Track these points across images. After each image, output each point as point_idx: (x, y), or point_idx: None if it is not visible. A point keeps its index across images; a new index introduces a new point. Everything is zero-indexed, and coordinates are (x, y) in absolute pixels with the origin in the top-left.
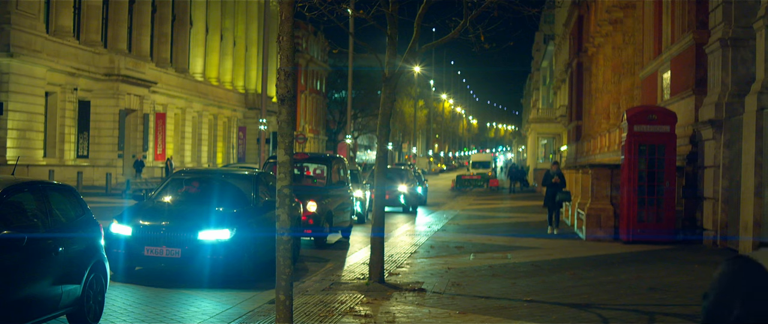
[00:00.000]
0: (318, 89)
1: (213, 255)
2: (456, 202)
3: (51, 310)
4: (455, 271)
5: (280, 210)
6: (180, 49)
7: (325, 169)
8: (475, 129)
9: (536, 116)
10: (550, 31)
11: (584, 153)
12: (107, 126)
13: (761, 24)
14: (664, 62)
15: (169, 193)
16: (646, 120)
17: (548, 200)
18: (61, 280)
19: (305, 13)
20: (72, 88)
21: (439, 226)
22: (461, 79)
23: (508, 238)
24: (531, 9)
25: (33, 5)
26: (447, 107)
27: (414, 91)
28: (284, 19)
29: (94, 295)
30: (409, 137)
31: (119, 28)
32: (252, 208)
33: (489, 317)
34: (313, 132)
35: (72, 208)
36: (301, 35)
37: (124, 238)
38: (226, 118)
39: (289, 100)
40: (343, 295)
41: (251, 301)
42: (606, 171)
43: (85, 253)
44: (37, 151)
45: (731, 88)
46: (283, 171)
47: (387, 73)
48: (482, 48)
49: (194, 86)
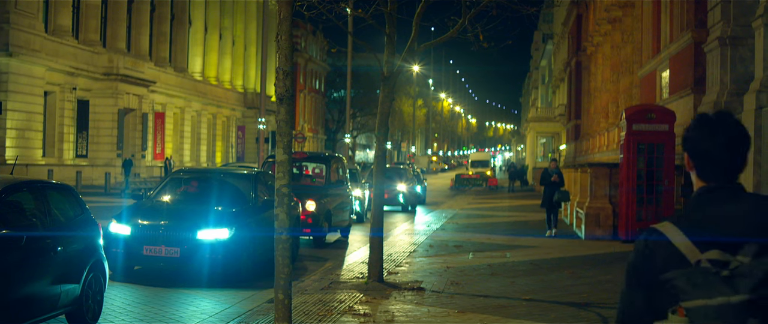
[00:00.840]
0: (317, 88)
1: (212, 254)
2: (455, 201)
3: (50, 310)
4: (454, 270)
5: (279, 209)
6: (179, 48)
7: (324, 169)
8: (474, 128)
9: (535, 115)
10: (549, 30)
11: (583, 152)
12: (106, 125)
13: (760, 22)
14: (663, 61)
15: (168, 193)
16: (644, 119)
17: (546, 200)
18: (60, 280)
19: (304, 12)
20: (71, 88)
21: (438, 225)
22: (460, 78)
23: (506, 237)
24: (529, 8)
25: (32, 5)
26: (446, 106)
27: (413, 90)
28: (283, 18)
29: (93, 295)
30: (408, 136)
31: (118, 27)
32: (251, 207)
33: (488, 316)
34: (312, 131)
35: (71, 208)
36: (299, 34)
37: (123, 238)
38: (225, 117)
39: (288, 100)
40: (342, 294)
41: (250, 300)
42: (605, 170)
43: (84, 253)
44: (36, 150)
45: (730, 86)
46: (281, 170)
47: (386, 72)
48: (481, 47)
49: (193, 85)
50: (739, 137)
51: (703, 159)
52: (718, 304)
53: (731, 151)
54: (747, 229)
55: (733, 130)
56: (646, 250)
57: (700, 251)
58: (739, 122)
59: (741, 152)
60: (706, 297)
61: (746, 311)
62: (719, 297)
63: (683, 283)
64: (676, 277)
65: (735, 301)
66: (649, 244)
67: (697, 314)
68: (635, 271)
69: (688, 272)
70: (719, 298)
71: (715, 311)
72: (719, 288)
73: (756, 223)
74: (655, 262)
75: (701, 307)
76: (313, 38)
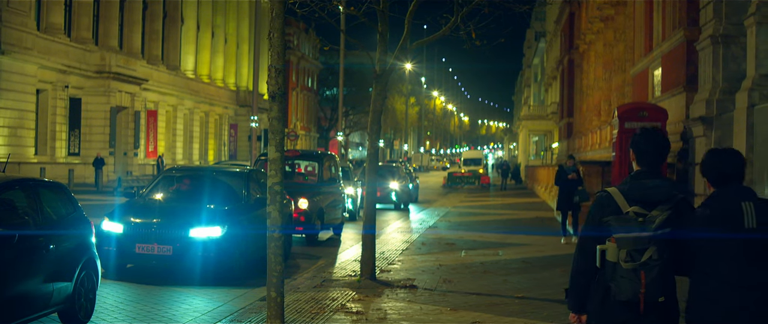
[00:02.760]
0: (309, 86)
1: (204, 252)
2: (447, 199)
3: (42, 308)
4: (446, 267)
5: (271, 207)
6: (171, 46)
7: (317, 166)
8: (466, 126)
9: (528, 113)
10: (542, 28)
11: (575, 150)
12: (98, 123)
13: (752, 21)
14: (655, 59)
15: (161, 191)
16: (636, 117)
17: (563, 202)
18: (52, 278)
19: (296, 10)
20: (63, 86)
21: (431, 223)
22: (453, 76)
23: (499, 235)
24: (522, 6)
25: (24, 3)
26: (438, 104)
27: (405, 89)
28: (275, 15)
29: (86, 293)
30: (401, 134)
31: (110, 25)
32: (243, 205)
33: (480, 314)
34: (305, 129)
35: (63, 206)
36: (292, 32)
37: (115, 236)
38: (217, 115)
39: (280, 97)
40: (334, 292)
41: (243, 298)
42: (597, 168)
43: (76, 251)
44: (29, 148)
45: (722, 84)
46: (274, 168)
47: (378, 70)
48: (473, 45)
49: (185, 83)
50: (662, 144)
51: (641, 154)
52: (634, 237)
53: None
54: (658, 196)
55: (660, 139)
56: (599, 203)
57: (629, 205)
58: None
59: (662, 154)
60: (627, 232)
61: (649, 242)
62: (635, 232)
63: (616, 223)
64: (612, 220)
65: (643, 236)
66: (601, 199)
67: (621, 242)
68: (591, 215)
69: (619, 218)
70: (634, 233)
71: (632, 241)
72: (636, 227)
73: (664, 193)
74: (602, 210)
75: (624, 238)
76: (306, 36)
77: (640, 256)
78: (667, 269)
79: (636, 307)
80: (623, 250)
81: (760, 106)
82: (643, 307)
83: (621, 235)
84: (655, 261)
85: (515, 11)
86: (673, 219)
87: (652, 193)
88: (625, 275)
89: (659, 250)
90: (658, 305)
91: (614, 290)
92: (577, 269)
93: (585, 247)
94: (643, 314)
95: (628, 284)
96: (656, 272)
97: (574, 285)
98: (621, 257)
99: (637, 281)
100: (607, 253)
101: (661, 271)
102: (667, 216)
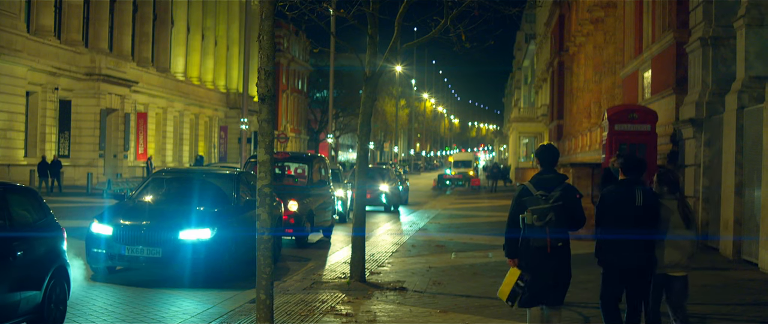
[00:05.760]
0: (299, 89)
1: (194, 254)
2: (437, 202)
3: (8, 318)
4: (436, 269)
5: (261, 209)
6: (161, 48)
7: (306, 169)
8: (456, 128)
9: (518, 115)
10: (532, 31)
11: (565, 152)
12: (88, 125)
13: (741, 23)
14: (645, 61)
15: (150, 193)
16: (626, 119)
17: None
18: (20, 286)
19: (286, 12)
20: (53, 88)
21: (421, 225)
22: (443, 78)
23: (489, 237)
24: (511, 8)
25: (13, 4)
26: (429, 106)
27: (395, 91)
28: (265, 17)
29: (56, 303)
30: (391, 137)
31: (100, 27)
32: (233, 207)
33: (470, 316)
34: (295, 131)
35: (33, 211)
36: (282, 34)
37: (104, 238)
38: (207, 117)
39: (270, 100)
40: (324, 294)
41: (232, 300)
42: (587, 170)
43: (46, 258)
44: (18, 150)
45: (711, 87)
46: (263, 170)
47: (368, 73)
48: (463, 47)
49: (175, 86)
50: (555, 154)
51: (541, 161)
52: (541, 208)
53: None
54: (553, 183)
55: (554, 150)
56: (520, 191)
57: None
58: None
59: (555, 160)
60: (536, 205)
61: (550, 210)
62: (541, 205)
63: (529, 201)
64: (527, 199)
65: (545, 207)
66: (522, 188)
67: (534, 211)
68: (515, 199)
69: (532, 198)
70: (541, 206)
71: (540, 212)
72: (542, 203)
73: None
74: (522, 195)
75: (535, 209)
76: (296, 38)
77: (545, 218)
78: (561, 226)
79: (544, 250)
80: (535, 216)
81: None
82: (550, 250)
83: (533, 207)
84: (554, 221)
85: (505, 13)
86: (562, 196)
87: (549, 182)
88: (537, 231)
89: (556, 214)
90: (558, 248)
91: (532, 241)
92: (510, 231)
93: (513, 217)
94: (550, 254)
95: (539, 236)
96: (555, 227)
97: (508, 241)
98: (534, 220)
99: (544, 234)
100: (526, 219)
101: (558, 226)
102: (558, 194)
